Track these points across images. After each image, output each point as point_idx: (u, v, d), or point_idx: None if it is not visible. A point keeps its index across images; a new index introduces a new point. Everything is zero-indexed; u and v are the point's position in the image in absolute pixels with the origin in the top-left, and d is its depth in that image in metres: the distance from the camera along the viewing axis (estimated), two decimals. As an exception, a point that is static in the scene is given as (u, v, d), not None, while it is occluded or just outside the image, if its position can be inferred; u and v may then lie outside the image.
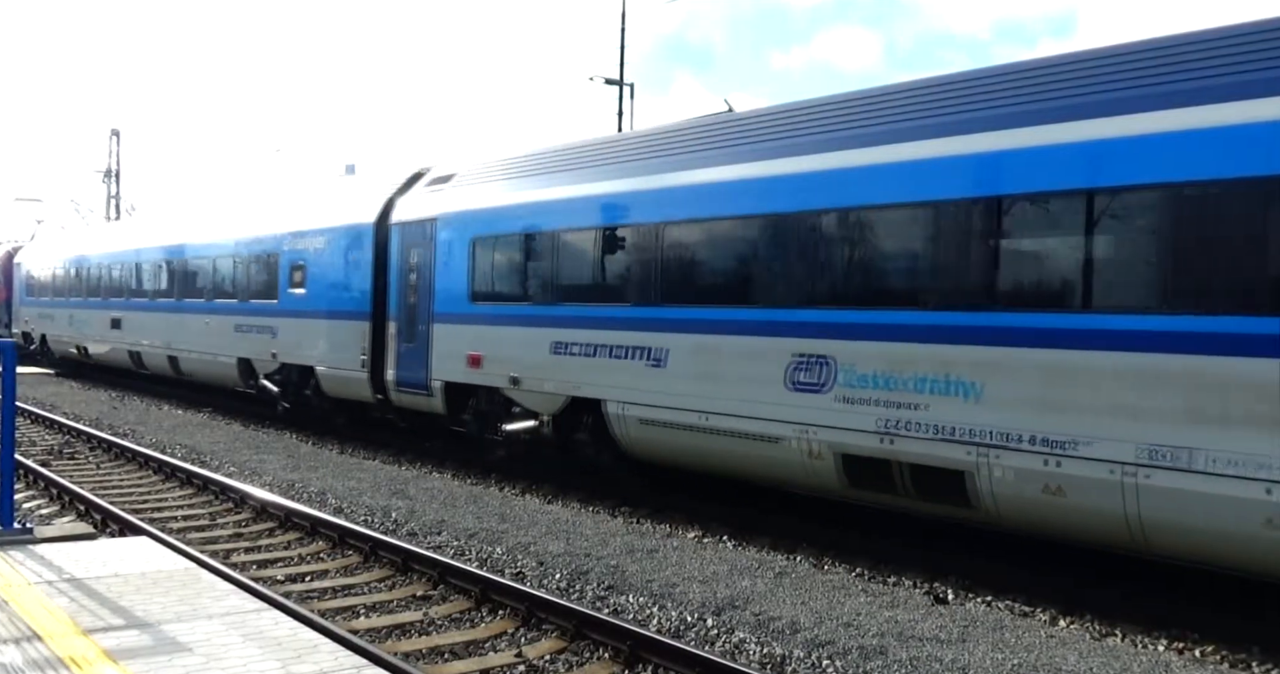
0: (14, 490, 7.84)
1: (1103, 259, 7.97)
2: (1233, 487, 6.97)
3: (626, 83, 31.80)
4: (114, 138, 58.86)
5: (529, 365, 13.00)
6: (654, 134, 12.62)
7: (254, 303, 19.40)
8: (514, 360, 13.24)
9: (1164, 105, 7.65)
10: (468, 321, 14.12)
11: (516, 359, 13.21)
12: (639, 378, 11.48)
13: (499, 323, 13.61)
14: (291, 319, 18.06)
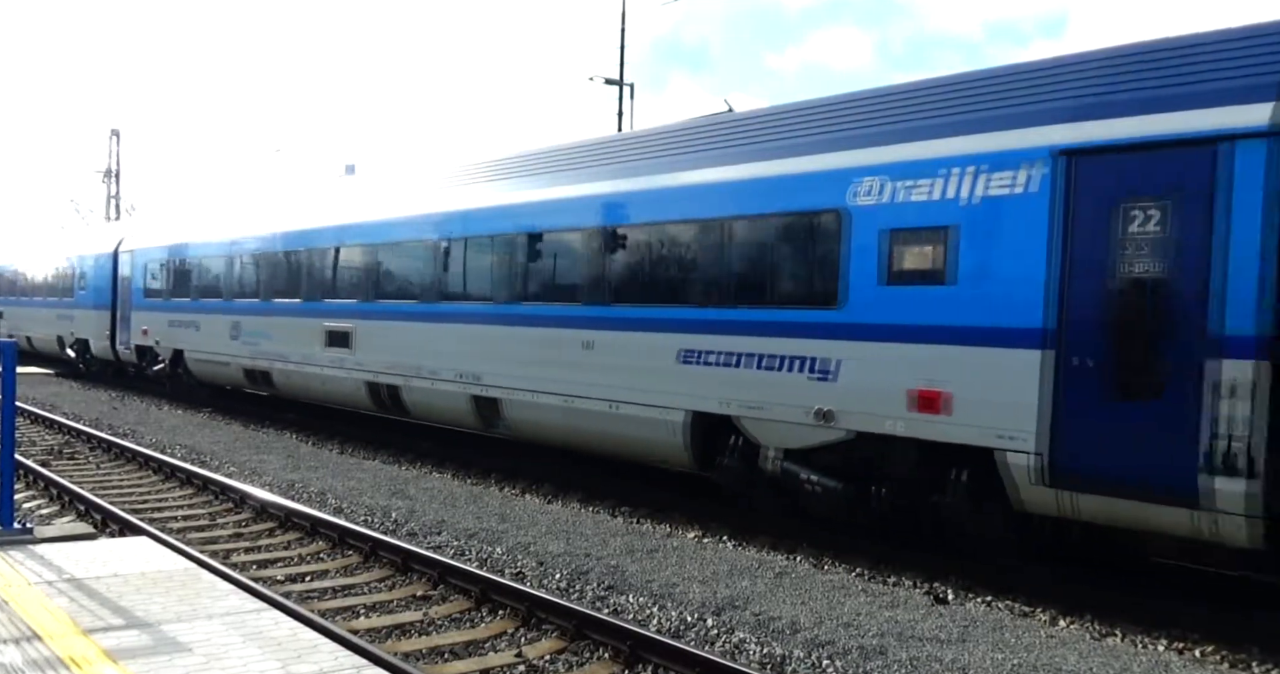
0: (14, 490, 7.84)
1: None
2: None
3: (626, 83, 31.82)
4: (114, 138, 58.95)
5: (162, 332, 23.45)
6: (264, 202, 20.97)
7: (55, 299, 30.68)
8: (158, 331, 23.66)
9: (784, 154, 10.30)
10: (142, 309, 24.65)
11: (160, 330, 23.54)
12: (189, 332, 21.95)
13: (154, 310, 23.99)
14: (80, 309, 28.65)
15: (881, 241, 9.12)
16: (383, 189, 16.81)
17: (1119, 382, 7.66)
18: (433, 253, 14.59)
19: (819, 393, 9.56)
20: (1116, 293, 7.69)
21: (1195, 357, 7.27)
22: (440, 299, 14.39)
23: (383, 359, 15.47)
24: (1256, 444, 6.99)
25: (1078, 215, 7.91)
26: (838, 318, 9.45)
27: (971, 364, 8.47)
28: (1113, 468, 7.64)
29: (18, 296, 34.57)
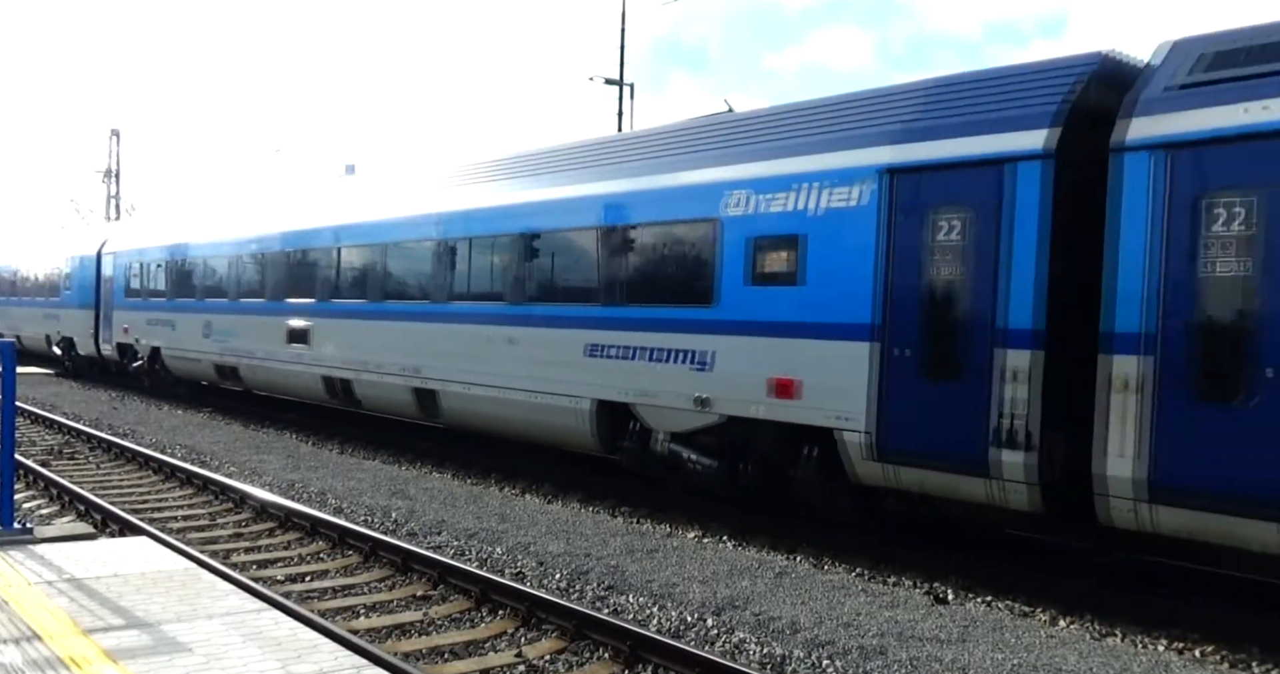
0: (14, 490, 7.85)
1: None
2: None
3: (626, 83, 31.82)
4: (114, 138, 58.93)
5: (141, 331, 24.53)
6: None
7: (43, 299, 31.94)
8: (137, 329, 24.75)
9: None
10: (123, 308, 25.74)
11: (139, 328, 24.66)
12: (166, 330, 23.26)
13: (134, 309, 25.09)
14: (66, 308, 29.77)
15: (747, 247, 10.35)
16: (334, 197, 18.29)
17: (929, 369, 8.86)
18: (377, 256, 15.94)
19: (698, 382, 10.77)
20: (927, 292, 8.89)
21: (987, 347, 8.44)
22: (385, 299, 15.66)
23: (337, 355, 16.70)
24: (1033, 421, 8.15)
25: (898, 226, 9.12)
26: (712, 315, 10.66)
27: (817, 355, 9.69)
28: (924, 444, 8.86)
29: (9, 296, 35.59)
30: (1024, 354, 8.23)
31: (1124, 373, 7.67)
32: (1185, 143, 7.54)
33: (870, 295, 9.22)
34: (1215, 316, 7.33)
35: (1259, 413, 7.04)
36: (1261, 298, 7.07)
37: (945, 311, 8.76)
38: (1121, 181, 7.79)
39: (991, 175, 8.51)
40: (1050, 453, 8.23)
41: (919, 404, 8.88)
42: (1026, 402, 8.20)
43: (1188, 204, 7.47)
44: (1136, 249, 7.69)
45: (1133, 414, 7.63)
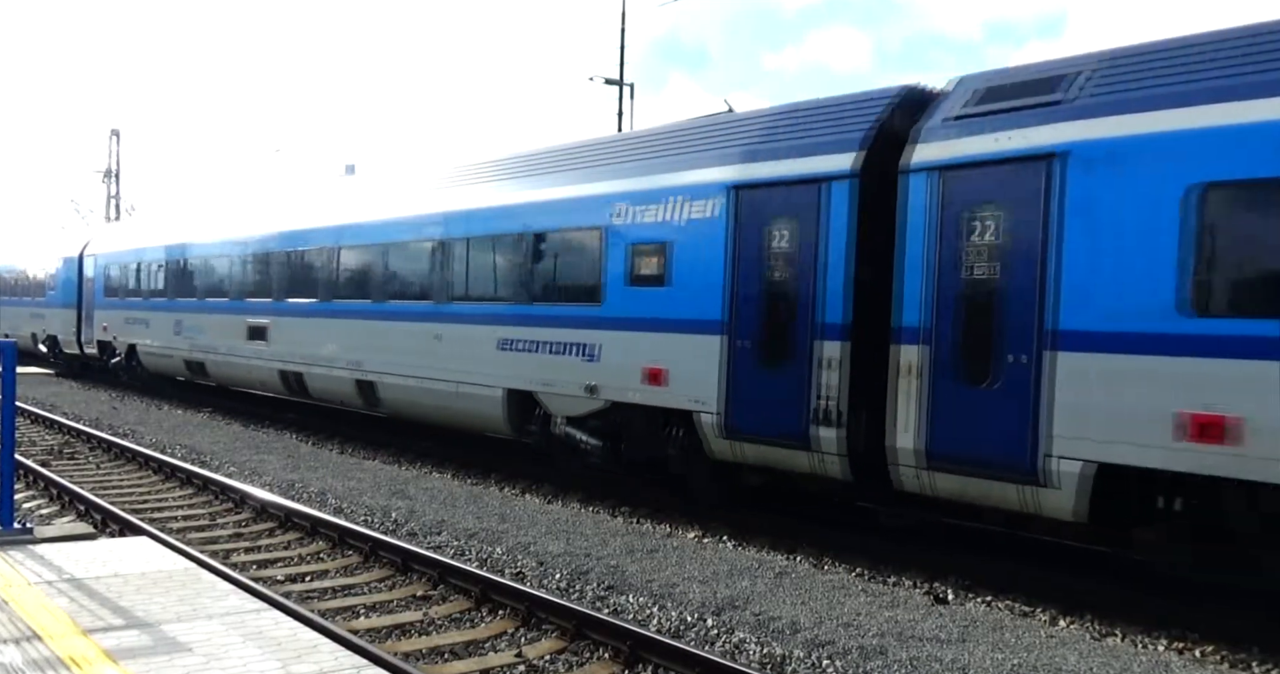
0: (14, 490, 7.84)
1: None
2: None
3: (626, 83, 31.82)
4: (114, 138, 58.86)
5: (119, 328, 26.02)
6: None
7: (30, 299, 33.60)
8: (115, 327, 26.28)
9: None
10: (103, 308, 27.03)
11: (117, 326, 26.18)
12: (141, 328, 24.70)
13: (112, 308, 26.52)
14: (50, 308, 31.21)
15: (627, 252, 11.63)
16: (290, 203, 19.79)
17: (764, 359, 10.18)
18: (323, 260, 17.43)
19: (588, 371, 12.04)
20: (763, 292, 10.20)
21: (808, 339, 9.80)
22: (332, 298, 17.10)
23: (291, 350, 18.05)
24: (843, 402, 9.54)
25: (741, 234, 10.42)
26: (599, 313, 11.94)
27: (680, 347, 10.96)
28: (761, 423, 10.18)
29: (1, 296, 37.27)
30: (835, 345, 9.58)
31: (908, 361, 8.99)
32: (953, 166, 8.78)
33: (721, 294, 10.53)
34: (972, 313, 8.56)
35: (1003, 393, 8.33)
36: (1006, 296, 8.33)
37: (776, 308, 10.11)
38: (907, 198, 9.06)
39: (811, 192, 9.81)
40: (856, 429, 9.57)
41: (757, 389, 10.23)
42: (837, 386, 9.56)
43: (954, 218, 8.73)
44: (917, 256, 8.96)
45: (914, 395, 8.94)
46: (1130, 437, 7.58)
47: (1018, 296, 8.26)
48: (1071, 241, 7.97)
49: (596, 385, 11.87)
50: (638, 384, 11.38)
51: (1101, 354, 7.78)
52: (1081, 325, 7.89)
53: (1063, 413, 7.94)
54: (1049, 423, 8.02)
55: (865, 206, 9.48)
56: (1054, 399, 8.00)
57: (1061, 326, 7.98)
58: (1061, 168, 8.06)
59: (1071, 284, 7.95)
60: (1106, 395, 7.73)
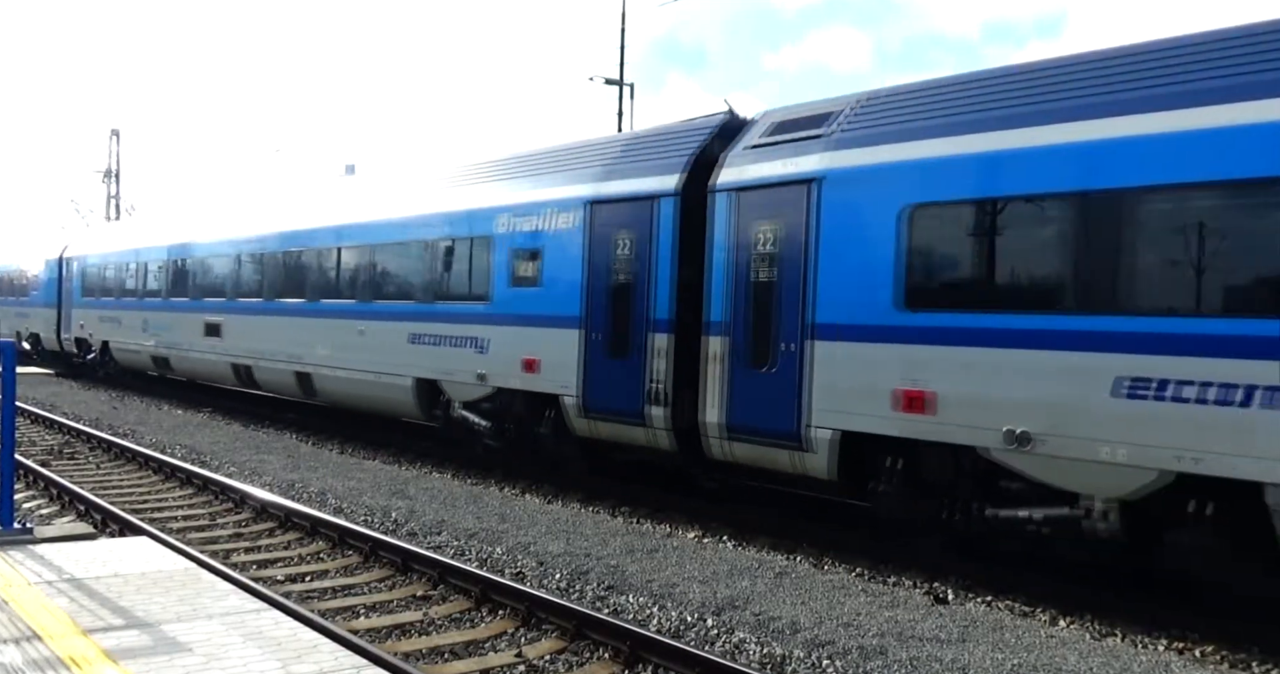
0: (14, 490, 7.84)
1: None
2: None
3: (626, 83, 31.81)
4: (114, 138, 58.88)
5: (94, 327, 27.86)
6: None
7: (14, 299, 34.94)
8: (90, 326, 28.02)
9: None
10: (80, 307, 28.92)
11: (92, 325, 27.96)
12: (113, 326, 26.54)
13: (88, 308, 28.21)
14: (33, 307, 32.70)
15: (509, 257, 13.30)
16: (240, 212, 21.81)
17: (611, 349, 11.80)
18: (266, 263, 19.33)
19: (479, 361, 13.66)
20: (610, 292, 11.88)
21: (643, 332, 11.41)
22: (274, 298, 18.94)
23: (241, 345, 19.88)
24: (669, 385, 11.18)
25: (594, 243, 12.09)
26: (488, 310, 13.59)
27: (549, 340, 12.58)
28: (610, 404, 11.85)
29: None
30: (664, 337, 11.27)
31: (714, 350, 10.68)
32: (746, 187, 10.49)
33: (580, 294, 12.21)
34: (758, 309, 10.27)
35: (778, 375, 10.06)
36: (780, 296, 10.07)
37: (620, 306, 11.78)
38: (713, 214, 10.78)
39: (645, 208, 11.51)
40: (679, 407, 11.12)
41: (606, 375, 11.88)
42: (665, 371, 11.22)
43: (745, 231, 10.43)
44: (720, 262, 10.66)
45: (718, 378, 10.64)
46: (863, 409, 9.32)
47: (788, 296, 10.01)
48: (825, 251, 9.69)
49: (486, 374, 13.59)
50: (518, 372, 13.07)
51: (844, 342, 9.53)
52: (830, 319, 9.64)
53: (818, 391, 9.71)
54: (809, 399, 9.76)
55: (686, 220, 11.15)
56: (812, 380, 9.74)
57: (817, 320, 9.74)
58: (819, 191, 9.78)
59: (824, 285, 9.68)
60: (847, 376, 9.48)
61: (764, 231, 10.27)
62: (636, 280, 11.53)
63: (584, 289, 12.13)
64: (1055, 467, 8.06)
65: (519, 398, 13.22)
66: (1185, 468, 7.30)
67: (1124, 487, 7.68)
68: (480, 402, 13.87)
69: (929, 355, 8.78)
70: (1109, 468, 7.71)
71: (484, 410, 13.90)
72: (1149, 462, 7.48)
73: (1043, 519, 8.33)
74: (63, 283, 30.52)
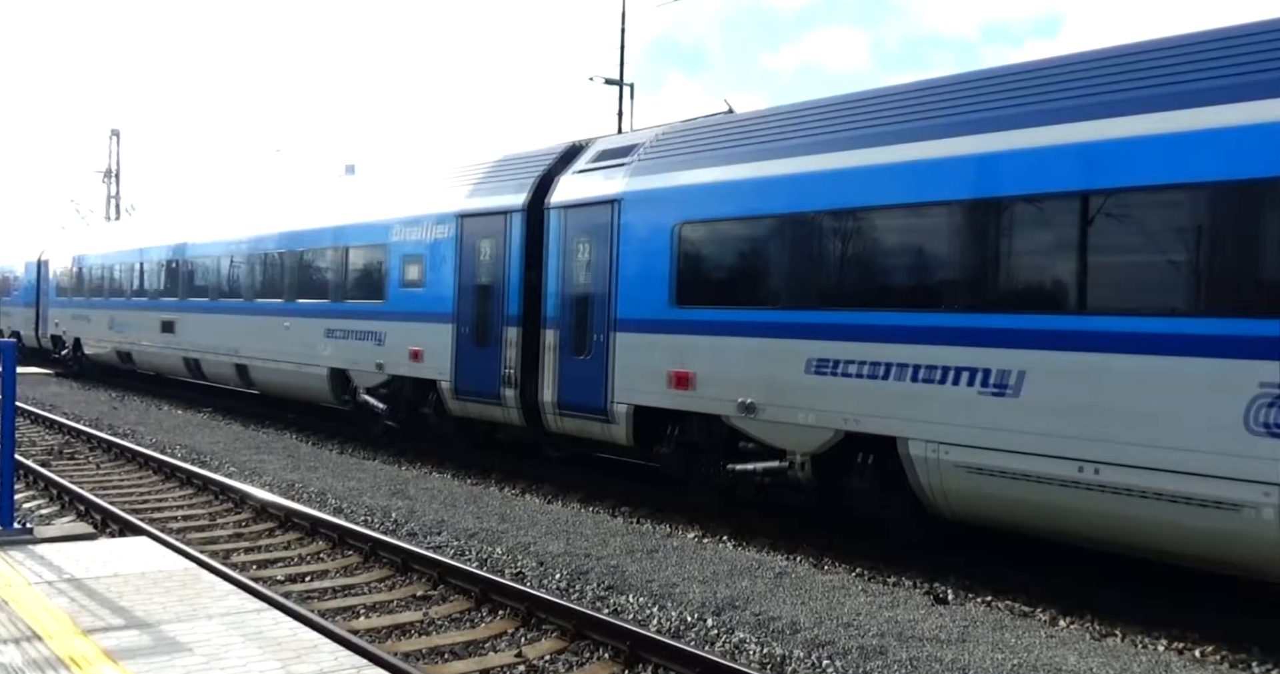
0: (14, 490, 7.84)
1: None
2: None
3: (626, 83, 31.81)
4: (114, 138, 58.83)
5: (68, 324, 30.19)
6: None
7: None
8: (64, 323, 30.61)
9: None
10: (59, 307, 30.93)
11: (65, 323, 30.44)
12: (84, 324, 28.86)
13: (63, 307, 30.70)
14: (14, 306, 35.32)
15: (400, 262, 15.54)
16: (190, 221, 24.24)
17: (476, 340, 13.98)
18: (213, 266, 21.78)
19: (378, 352, 15.92)
20: (475, 292, 14.04)
21: (500, 325, 13.60)
22: (218, 298, 21.28)
23: (191, 340, 22.17)
24: (518, 370, 13.28)
25: (464, 250, 14.27)
26: (384, 308, 15.85)
27: (430, 333, 14.77)
28: (476, 387, 13.96)
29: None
30: (515, 330, 13.36)
31: (549, 340, 12.86)
32: (570, 205, 12.71)
33: (453, 294, 14.38)
34: (578, 307, 12.45)
35: (592, 361, 12.17)
36: (593, 295, 12.22)
37: (482, 304, 13.89)
38: (548, 227, 12.97)
39: (500, 221, 13.67)
40: (525, 389, 13.22)
41: (472, 363, 13.96)
42: (516, 359, 13.29)
43: (570, 241, 12.62)
44: (552, 267, 12.87)
45: (551, 364, 12.76)
46: (648, 387, 11.47)
47: (599, 295, 12.14)
48: (624, 258, 11.86)
49: (383, 363, 15.77)
50: (407, 361, 15.24)
51: (636, 333, 11.67)
52: (627, 314, 11.80)
53: (618, 374, 11.84)
54: (612, 381, 11.89)
55: (531, 232, 13.26)
56: (615, 365, 11.87)
57: (618, 316, 11.89)
58: (619, 210, 11.93)
59: (623, 286, 11.84)
60: (637, 360, 11.62)
61: (583, 242, 12.49)
62: (495, 282, 13.70)
63: (456, 289, 14.33)
64: (771, 429, 10.29)
65: (408, 383, 15.46)
66: (850, 427, 9.47)
67: (813, 443, 9.90)
68: (379, 387, 16.13)
69: (691, 343, 10.98)
70: (803, 429, 9.92)
71: (381, 395, 16.14)
72: (828, 423, 9.69)
73: (764, 471, 10.53)
74: (40, 283, 32.97)
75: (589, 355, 12.20)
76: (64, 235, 36.00)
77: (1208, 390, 7.21)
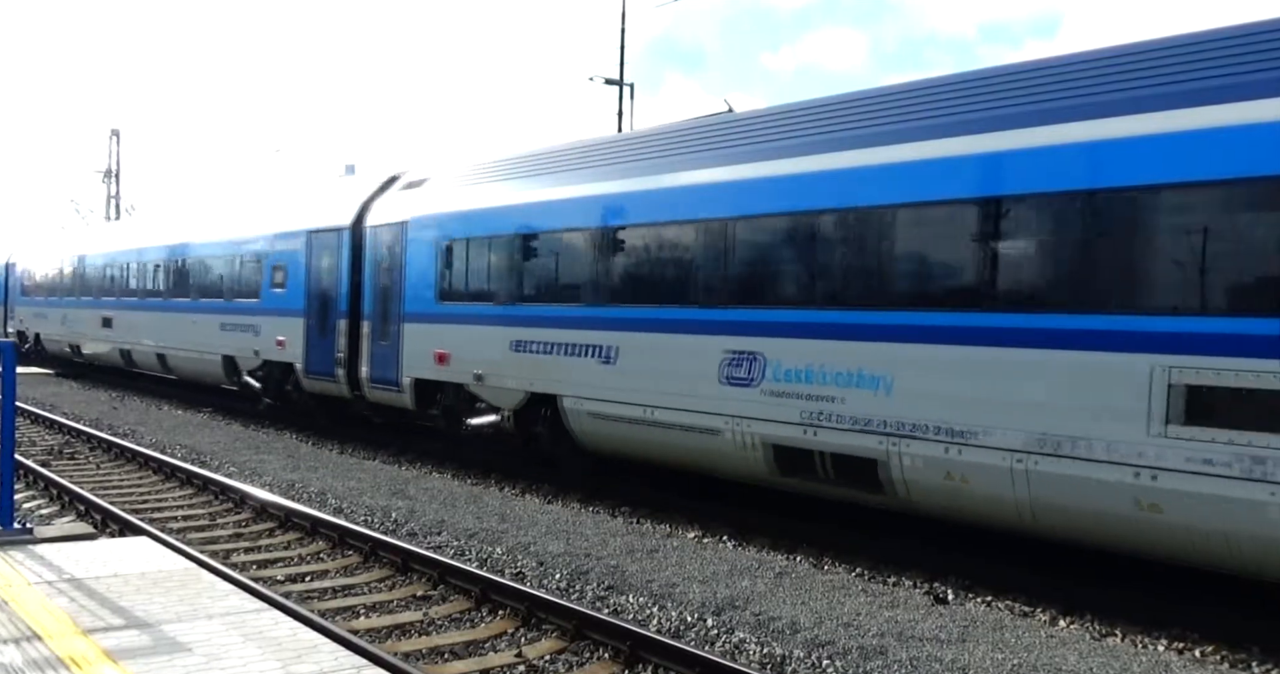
0: (14, 490, 7.84)
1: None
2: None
3: (626, 83, 31.80)
4: (114, 138, 58.86)
5: (30, 321, 34.34)
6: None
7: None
8: (27, 320, 34.69)
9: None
10: (23, 306, 35.52)
11: (28, 320, 34.59)
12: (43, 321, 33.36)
13: (26, 306, 34.86)
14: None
15: (270, 269, 19.13)
16: (129, 230, 28.63)
17: (319, 331, 17.37)
18: (141, 270, 25.73)
19: (255, 342, 19.40)
20: (318, 292, 17.56)
21: (334, 318, 16.95)
22: (145, 297, 25.25)
23: (124, 334, 26.09)
24: (345, 353, 16.58)
25: (311, 260, 17.85)
26: (259, 306, 19.39)
27: (289, 326, 18.26)
28: (319, 368, 17.40)
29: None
30: (343, 322, 16.72)
31: (365, 330, 16.29)
32: (378, 225, 16.28)
33: (304, 294, 17.87)
34: (383, 303, 15.91)
35: (390, 346, 15.62)
36: (391, 295, 15.75)
37: (322, 302, 17.39)
38: (365, 242, 16.50)
39: (335, 236, 17.21)
40: (351, 368, 16.52)
41: (317, 349, 17.42)
42: (345, 345, 16.62)
43: (377, 253, 16.20)
44: (368, 272, 16.39)
45: (366, 349, 16.25)
46: (422, 364, 14.87)
47: (395, 294, 15.64)
48: (409, 266, 15.37)
49: (258, 350, 19.26)
50: (274, 349, 18.67)
51: (417, 323, 15.12)
52: (411, 309, 15.27)
53: (406, 355, 15.26)
54: (402, 360, 15.32)
55: (356, 245, 16.71)
56: (404, 348, 15.29)
57: (406, 310, 15.36)
58: (407, 229, 15.53)
59: (409, 287, 15.33)
60: (417, 344, 15.04)
61: (385, 254, 16.01)
62: (331, 285, 17.16)
63: (306, 291, 17.85)
64: (491, 392, 13.72)
65: (276, 366, 18.93)
66: (534, 389, 12.94)
67: (514, 401, 13.33)
68: (256, 370, 19.66)
69: (448, 330, 14.43)
70: (509, 391, 13.37)
71: (259, 377, 19.64)
72: (521, 387, 13.14)
73: (487, 424, 13.96)
74: (8, 284, 37.77)
75: (388, 341, 15.70)
76: (30, 241, 40.50)
77: (702, 355, 10.71)
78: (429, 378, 14.72)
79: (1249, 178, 7.11)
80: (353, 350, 16.39)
